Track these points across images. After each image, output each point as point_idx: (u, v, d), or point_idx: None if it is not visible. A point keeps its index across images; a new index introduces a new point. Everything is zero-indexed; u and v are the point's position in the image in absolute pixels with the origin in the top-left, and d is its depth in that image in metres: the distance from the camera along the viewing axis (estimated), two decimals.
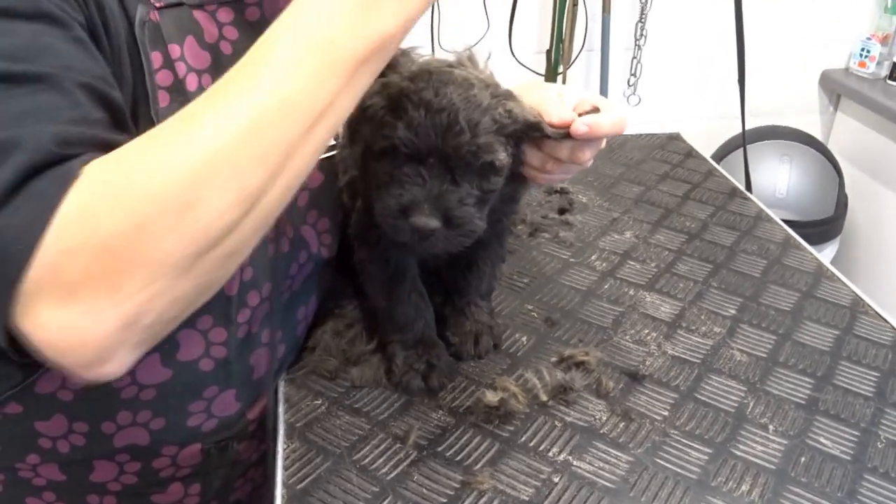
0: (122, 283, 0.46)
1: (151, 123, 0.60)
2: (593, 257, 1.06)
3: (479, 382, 0.83)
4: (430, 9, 2.05)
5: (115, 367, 0.49)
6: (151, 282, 0.47)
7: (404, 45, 0.64)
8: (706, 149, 2.42)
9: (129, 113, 0.59)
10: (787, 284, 1.01)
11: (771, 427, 0.78)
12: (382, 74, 0.64)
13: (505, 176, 0.73)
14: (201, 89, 0.65)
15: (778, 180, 2.16)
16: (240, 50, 0.69)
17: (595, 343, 0.89)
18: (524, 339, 0.90)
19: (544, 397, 0.81)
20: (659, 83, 2.32)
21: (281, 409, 0.79)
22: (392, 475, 0.71)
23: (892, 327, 0.94)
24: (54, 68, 0.51)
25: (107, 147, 0.50)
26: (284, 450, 0.74)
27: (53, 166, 0.47)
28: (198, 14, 0.67)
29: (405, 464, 0.73)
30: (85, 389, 0.69)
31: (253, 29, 0.71)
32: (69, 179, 0.47)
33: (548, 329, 0.92)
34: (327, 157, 0.82)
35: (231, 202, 0.49)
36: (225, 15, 0.69)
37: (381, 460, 0.73)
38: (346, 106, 0.54)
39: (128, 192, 0.47)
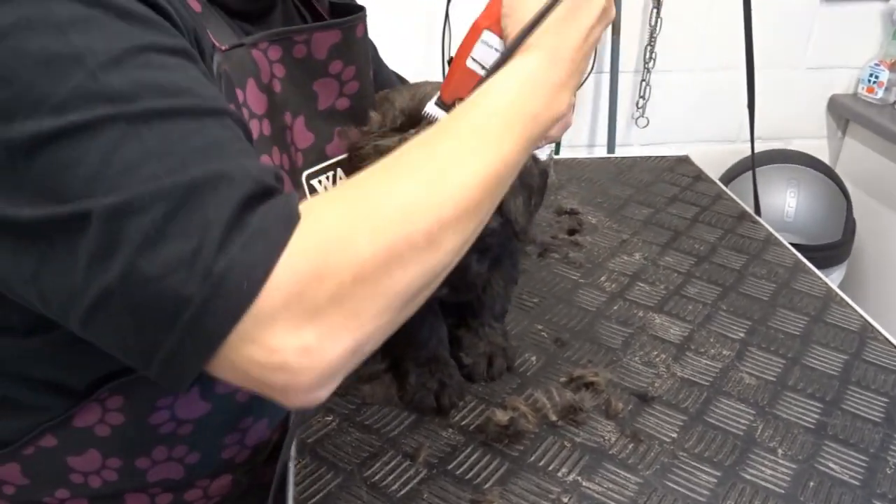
0: (364, 310, 0.46)
1: None
2: (603, 278, 1.07)
3: (490, 402, 0.84)
4: (442, 28, 2.08)
5: (329, 391, 0.49)
6: (386, 311, 0.48)
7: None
8: (714, 172, 2.43)
9: None
10: (795, 308, 1.02)
11: (780, 451, 0.78)
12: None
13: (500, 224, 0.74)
14: (262, 136, 0.66)
15: (786, 204, 2.17)
16: (287, 89, 0.71)
17: (604, 364, 0.90)
18: (534, 358, 0.91)
19: (554, 417, 0.81)
20: (667, 106, 2.33)
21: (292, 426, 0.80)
22: (402, 493, 0.72)
23: None
24: (213, 102, 0.51)
25: (281, 179, 0.51)
26: (296, 466, 0.75)
27: (269, 193, 0.47)
28: (255, 53, 0.67)
29: (415, 481, 0.73)
30: (123, 425, 0.68)
31: (298, 66, 0.72)
32: (296, 213, 0.47)
33: (557, 349, 0.92)
34: None
35: (460, 245, 0.53)
36: (274, 52, 0.70)
37: (391, 477, 0.74)
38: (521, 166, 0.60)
39: (379, 223, 0.48)
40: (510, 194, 0.71)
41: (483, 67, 0.64)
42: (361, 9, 0.80)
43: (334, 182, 0.79)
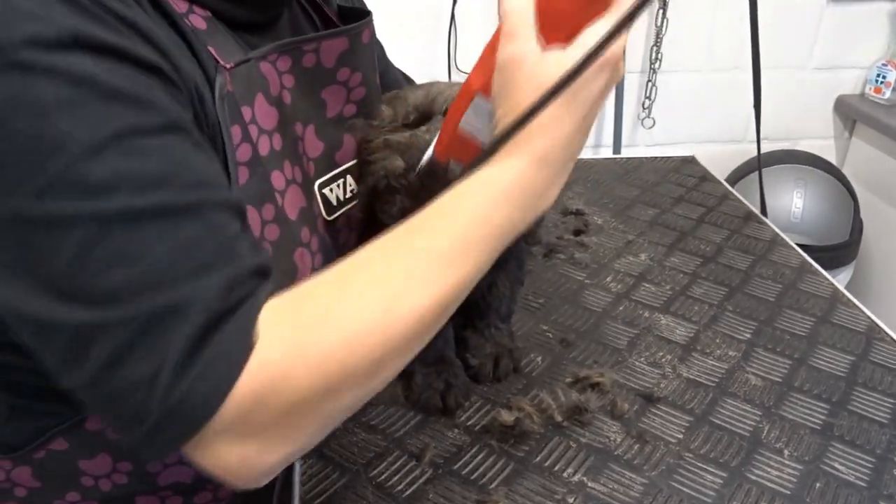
0: (301, 430, 0.51)
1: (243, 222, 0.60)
2: (608, 279, 1.07)
3: (495, 402, 0.84)
4: (448, 30, 2.08)
5: (266, 482, 0.53)
6: (322, 428, 0.53)
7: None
8: (720, 172, 2.42)
9: None
10: (802, 309, 1.02)
11: (786, 452, 0.78)
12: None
13: None
14: (273, 152, 0.66)
15: (793, 205, 2.16)
16: (297, 99, 0.71)
17: (610, 364, 0.90)
18: (539, 359, 0.91)
19: (559, 418, 0.81)
20: (673, 107, 2.33)
21: None
22: (408, 493, 0.72)
23: None
24: (190, 191, 0.51)
25: (258, 273, 0.53)
26: (301, 466, 0.75)
27: (224, 320, 0.49)
28: (263, 66, 0.67)
29: (421, 482, 0.73)
30: None
31: (307, 76, 0.72)
32: (249, 343, 0.49)
33: (563, 350, 0.92)
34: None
35: (403, 365, 0.54)
36: (283, 63, 0.69)
37: (396, 478, 0.74)
38: None
39: (320, 357, 0.49)
40: None
41: (475, 134, 0.60)
42: (368, 13, 0.80)
43: (344, 189, 0.79)
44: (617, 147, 2.27)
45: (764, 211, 1.14)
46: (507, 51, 0.55)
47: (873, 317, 1.01)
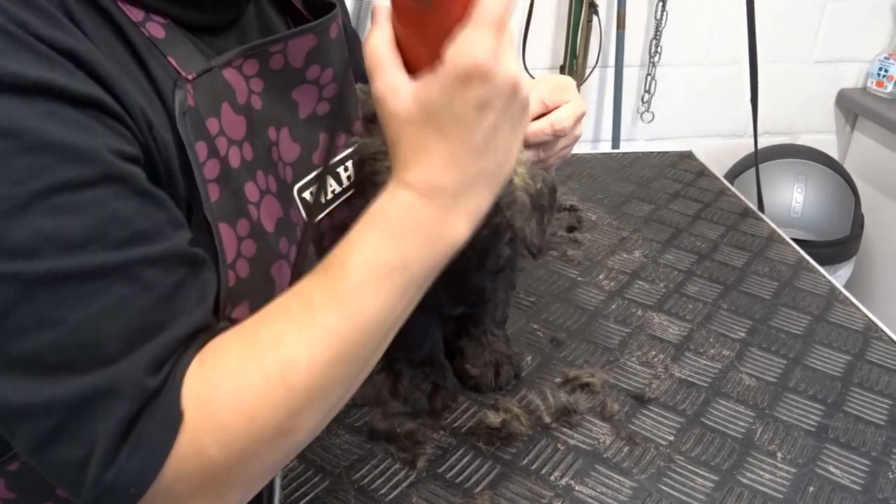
0: (225, 494, 0.52)
1: (205, 221, 0.59)
2: (601, 276, 1.05)
3: (482, 403, 0.82)
4: None
5: None
6: (248, 488, 0.54)
7: None
8: (720, 167, 2.40)
9: (186, 217, 0.58)
10: (798, 307, 1.00)
11: (779, 454, 0.77)
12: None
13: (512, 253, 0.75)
14: (244, 162, 0.63)
15: (793, 199, 2.14)
16: (268, 102, 0.69)
17: (601, 364, 0.88)
18: (529, 358, 0.89)
19: (548, 419, 0.79)
20: (673, 101, 2.31)
21: None
22: (391, 496, 0.70)
23: None
24: (121, 249, 0.50)
25: (191, 336, 0.53)
26: (282, 469, 0.73)
27: (153, 398, 0.49)
28: (228, 73, 0.64)
29: (404, 485, 0.72)
30: None
31: (276, 77, 0.69)
32: (175, 425, 0.49)
33: (553, 349, 0.91)
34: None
35: (320, 420, 0.53)
36: (250, 67, 0.66)
37: (380, 481, 0.72)
38: (411, 308, 0.56)
39: (231, 432, 0.50)
40: (523, 219, 0.69)
41: None
42: (333, 6, 0.78)
43: (325, 191, 0.77)
44: (616, 142, 2.24)
45: (761, 207, 1.11)
46: (374, 88, 0.53)
47: (871, 315, 0.99)
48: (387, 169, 0.71)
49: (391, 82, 0.52)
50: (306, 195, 0.75)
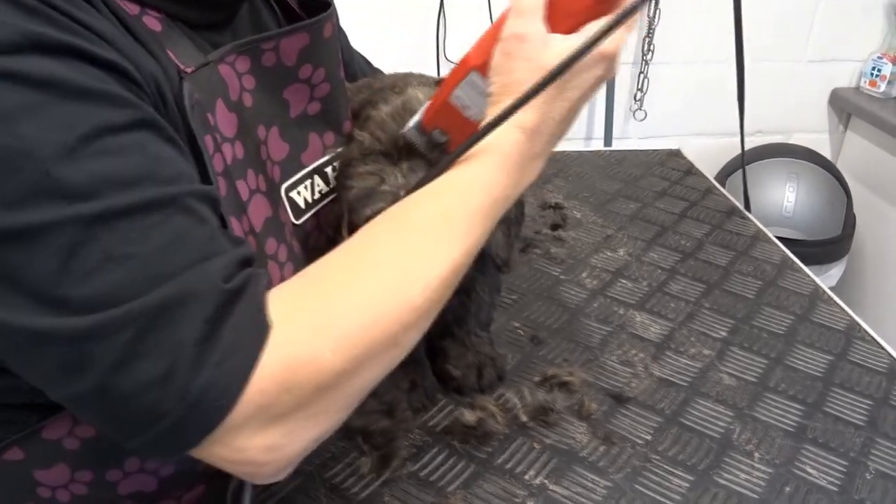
0: (326, 412, 0.50)
1: (220, 216, 0.58)
2: (584, 274, 1.04)
3: (460, 402, 0.81)
4: (437, 19, 2.05)
5: (288, 473, 0.52)
6: (346, 408, 0.52)
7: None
8: (715, 165, 2.39)
9: None
10: (781, 307, 0.99)
11: (757, 454, 0.76)
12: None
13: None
14: (236, 160, 0.63)
15: (785, 199, 2.13)
16: (259, 100, 0.68)
17: (580, 363, 0.88)
18: (509, 357, 0.88)
19: (524, 418, 0.79)
20: (666, 99, 2.30)
21: None
22: (363, 495, 0.70)
23: (889, 354, 0.92)
24: (171, 184, 0.50)
25: (247, 262, 0.52)
26: None
27: (234, 303, 0.48)
28: (222, 69, 0.64)
29: (377, 484, 0.71)
30: (95, 437, 0.65)
31: (268, 75, 0.69)
32: (264, 326, 0.48)
33: (533, 348, 0.90)
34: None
35: (419, 338, 0.55)
36: (242, 64, 0.66)
37: (352, 479, 0.72)
38: None
39: (350, 337, 0.49)
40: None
41: (466, 107, 0.62)
42: (329, 5, 0.77)
43: (312, 191, 0.76)
44: (608, 140, 2.24)
45: (748, 206, 1.11)
46: (512, 27, 0.58)
47: (854, 315, 0.98)
48: (359, 175, 0.70)
49: (539, 31, 0.57)
50: (293, 195, 0.74)
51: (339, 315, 0.50)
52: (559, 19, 0.57)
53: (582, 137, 2.35)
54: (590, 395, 0.82)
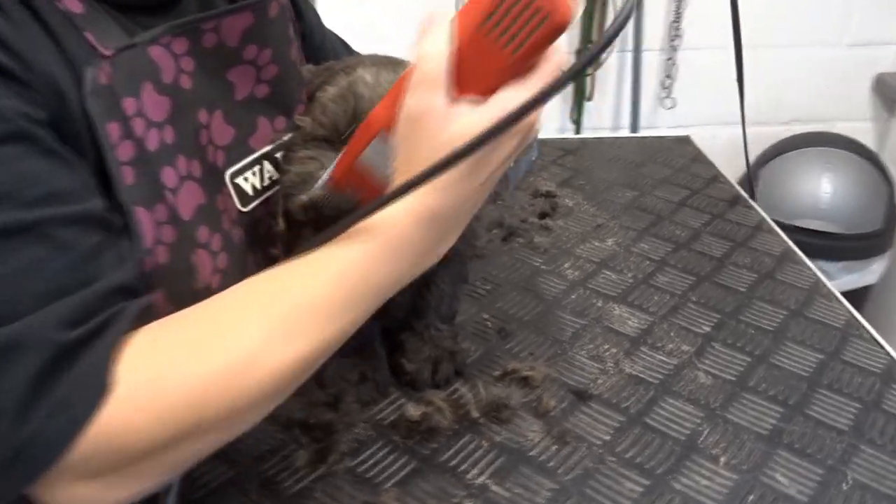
0: (143, 475, 0.50)
1: (119, 206, 0.57)
2: (566, 265, 1.00)
3: (412, 396, 0.78)
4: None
5: None
6: (168, 472, 0.51)
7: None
8: (747, 154, 2.29)
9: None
10: (774, 301, 0.93)
11: (722, 459, 0.71)
12: None
13: None
14: (163, 146, 0.61)
15: (821, 190, 2.03)
16: (200, 83, 0.66)
17: (547, 357, 0.83)
18: (472, 350, 0.84)
19: (476, 414, 0.75)
20: (696, 86, 2.21)
21: None
22: (293, 490, 0.67)
23: (888, 353, 0.85)
24: (34, 207, 0.49)
25: (118, 292, 0.51)
26: None
27: (76, 354, 0.47)
28: (154, 51, 0.61)
29: (310, 479, 0.68)
30: None
31: (209, 57, 0.66)
32: (99, 391, 0.47)
33: (499, 340, 0.86)
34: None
35: (256, 420, 0.53)
36: (180, 46, 0.64)
37: (285, 473, 0.69)
38: None
39: (166, 410, 0.48)
40: None
41: (375, 168, 0.57)
42: None
43: (261, 177, 0.73)
44: (634, 129, 2.17)
45: (752, 194, 1.04)
46: (415, 98, 0.52)
47: (854, 311, 0.91)
48: (298, 159, 0.67)
49: (440, 106, 0.52)
50: (240, 181, 0.72)
51: (164, 392, 0.49)
52: (469, 81, 0.51)
53: (608, 127, 2.28)
54: (551, 391, 0.78)
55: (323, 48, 0.88)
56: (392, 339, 0.82)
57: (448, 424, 0.74)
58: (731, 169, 2.30)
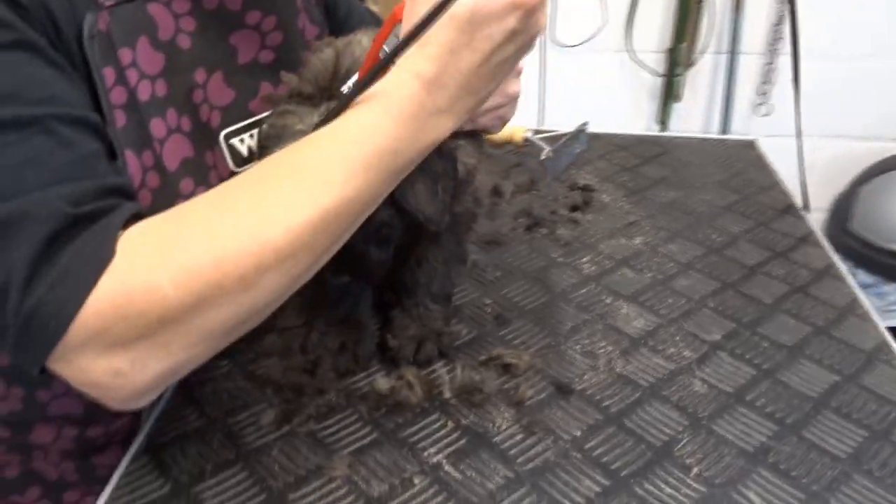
0: (173, 343, 0.50)
1: (110, 146, 0.60)
2: (585, 259, 0.97)
3: (391, 371, 0.78)
4: None
5: (149, 400, 0.54)
6: (198, 344, 0.52)
7: None
8: (852, 170, 2.14)
9: None
10: (800, 316, 0.86)
11: (695, 470, 0.67)
12: None
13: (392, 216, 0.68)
14: (154, 98, 0.64)
15: None
16: (200, 44, 0.69)
17: (538, 348, 0.81)
18: (464, 332, 0.83)
19: (448, 394, 0.74)
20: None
21: None
22: (253, 446, 0.69)
23: None
24: (40, 105, 0.52)
25: (118, 191, 0.53)
26: (167, 401, 0.74)
27: (79, 229, 0.49)
28: (153, 8, 0.64)
29: (271, 437, 0.70)
30: None
31: (211, 19, 0.69)
32: (105, 254, 0.49)
33: (495, 327, 0.84)
34: None
35: (286, 284, 0.53)
36: (181, 5, 0.67)
37: (250, 429, 0.71)
38: (389, 192, 0.58)
39: (192, 273, 0.49)
40: (406, 183, 0.64)
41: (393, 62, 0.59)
42: None
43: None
44: (724, 134, 2.08)
45: (806, 204, 0.97)
46: None
47: (888, 336, 0.84)
48: (277, 113, 0.68)
49: None
50: (235, 142, 0.74)
51: (184, 249, 0.50)
52: None
53: (698, 132, 2.19)
54: (531, 381, 0.76)
55: (349, 21, 0.89)
56: (385, 315, 0.82)
57: (417, 401, 0.73)
58: (830, 185, 2.16)
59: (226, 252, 0.50)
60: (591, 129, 1.21)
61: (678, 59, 2.07)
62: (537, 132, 1.20)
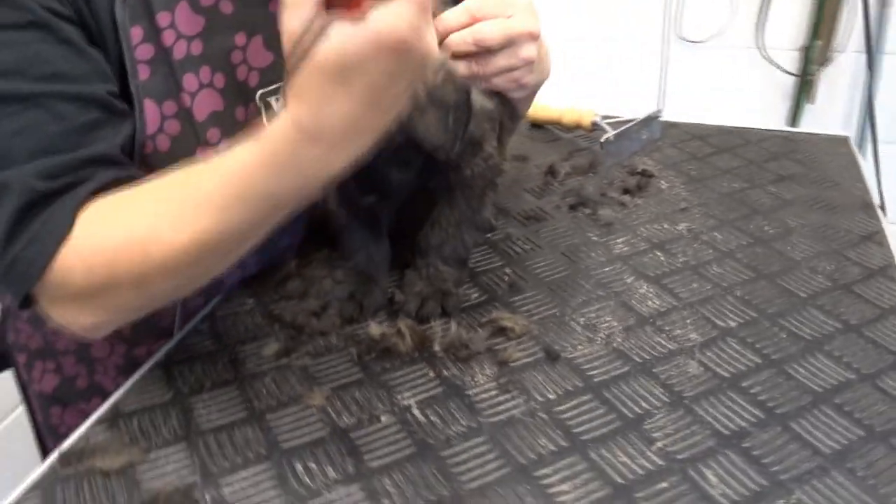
0: (96, 309, 0.64)
1: (129, 95, 0.70)
2: (620, 240, 0.96)
3: (392, 321, 0.82)
4: None
5: (98, 336, 0.72)
6: (117, 311, 0.66)
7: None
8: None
9: (119, 86, 0.69)
10: (833, 314, 0.81)
11: (659, 444, 0.66)
12: None
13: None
14: (189, 56, 0.73)
15: None
16: (242, 9, 0.76)
17: (542, 316, 0.82)
18: (474, 295, 0.86)
19: (437, 348, 0.77)
20: None
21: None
22: (251, 372, 0.76)
23: None
24: (40, 82, 0.62)
25: (95, 161, 0.64)
26: (188, 332, 0.83)
27: (48, 201, 0.62)
28: None
29: (267, 366, 0.76)
30: None
31: None
32: (59, 234, 0.61)
33: (505, 292, 0.86)
34: None
35: (175, 286, 0.65)
36: None
37: (253, 357, 0.78)
38: (278, 222, 0.61)
39: (92, 270, 0.61)
40: (417, 113, 0.67)
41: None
42: None
43: None
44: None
45: (882, 204, 0.89)
46: (291, 20, 0.52)
47: None
48: None
49: (315, 23, 0.50)
50: (272, 100, 0.82)
51: (97, 239, 0.61)
52: (340, 4, 0.49)
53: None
54: (523, 345, 0.78)
55: None
56: (402, 275, 0.87)
57: (406, 350, 0.77)
58: None
59: (115, 258, 0.60)
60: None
61: (813, 58, 1.94)
62: (605, 117, 1.19)
